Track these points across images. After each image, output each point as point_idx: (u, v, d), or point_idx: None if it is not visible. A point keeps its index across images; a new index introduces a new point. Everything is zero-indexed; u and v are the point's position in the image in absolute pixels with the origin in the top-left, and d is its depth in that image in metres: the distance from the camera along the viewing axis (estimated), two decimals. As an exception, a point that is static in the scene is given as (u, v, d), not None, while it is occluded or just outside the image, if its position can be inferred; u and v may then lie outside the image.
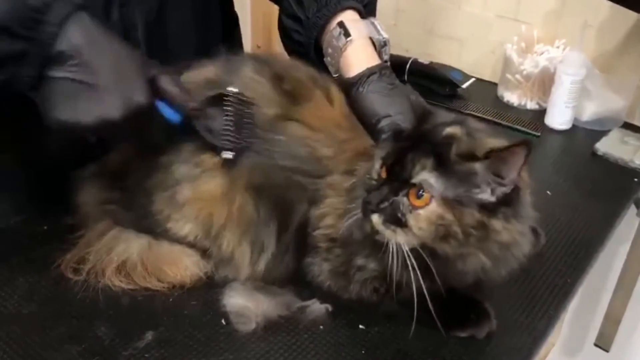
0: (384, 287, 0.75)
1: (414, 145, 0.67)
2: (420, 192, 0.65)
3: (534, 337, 0.76)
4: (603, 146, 1.19)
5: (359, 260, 0.75)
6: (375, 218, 0.67)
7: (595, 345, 1.48)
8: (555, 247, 0.91)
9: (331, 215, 0.76)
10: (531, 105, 1.36)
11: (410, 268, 0.66)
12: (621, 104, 1.27)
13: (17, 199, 0.90)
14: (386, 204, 0.67)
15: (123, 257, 0.79)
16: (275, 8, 1.00)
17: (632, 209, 1.15)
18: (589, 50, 1.27)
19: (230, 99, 0.76)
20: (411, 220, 0.66)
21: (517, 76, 1.34)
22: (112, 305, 0.76)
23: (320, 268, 0.78)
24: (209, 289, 0.79)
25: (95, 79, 0.67)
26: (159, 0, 0.92)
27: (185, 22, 0.97)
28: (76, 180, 0.86)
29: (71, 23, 0.66)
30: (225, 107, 0.76)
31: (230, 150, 0.76)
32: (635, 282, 1.35)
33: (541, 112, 1.31)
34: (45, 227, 0.88)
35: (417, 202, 0.65)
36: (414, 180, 0.66)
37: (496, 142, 0.68)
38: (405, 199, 0.66)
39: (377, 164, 0.70)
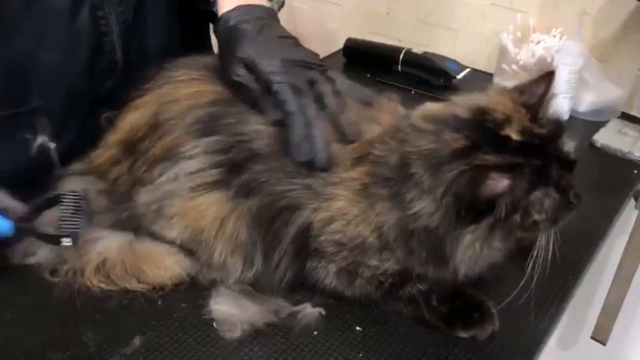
0: (389, 282, 0.73)
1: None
2: None
3: (537, 338, 0.74)
4: (601, 137, 1.17)
5: (373, 262, 0.72)
6: None
7: (592, 338, 1.46)
8: (555, 242, 0.88)
9: (339, 221, 0.72)
10: (527, 95, 1.33)
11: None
12: (619, 94, 1.25)
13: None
14: None
15: (103, 255, 0.76)
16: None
17: (631, 201, 1.12)
18: (585, 39, 1.24)
19: (66, 196, 0.78)
20: None
21: (514, 66, 1.31)
22: (98, 310, 0.73)
23: (327, 270, 0.74)
24: (199, 290, 0.76)
25: None
26: (136, 4, 0.89)
27: (162, 24, 0.95)
28: (58, 178, 0.83)
29: None
30: (62, 202, 0.78)
31: (68, 236, 0.75)
32: (633, 274, 1.33)
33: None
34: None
35: None
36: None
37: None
38: None
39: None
